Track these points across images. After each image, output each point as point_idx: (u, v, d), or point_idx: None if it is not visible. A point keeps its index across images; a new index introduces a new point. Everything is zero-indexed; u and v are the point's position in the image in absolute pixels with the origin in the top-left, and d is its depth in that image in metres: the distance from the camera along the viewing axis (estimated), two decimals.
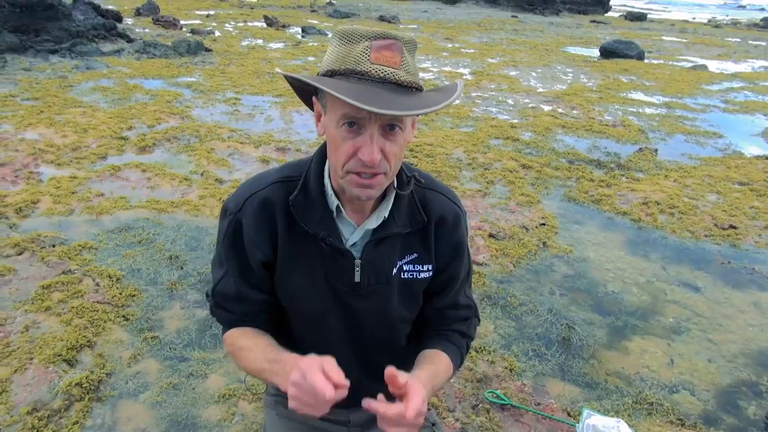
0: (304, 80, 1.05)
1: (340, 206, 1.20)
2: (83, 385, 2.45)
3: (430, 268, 1.32)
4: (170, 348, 2.80)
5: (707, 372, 2.96)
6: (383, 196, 1.24)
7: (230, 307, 1.28)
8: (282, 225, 1.21)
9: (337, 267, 1.25)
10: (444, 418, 2.42)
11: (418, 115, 1.11)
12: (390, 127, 1.05)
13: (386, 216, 1.23)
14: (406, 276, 1.30)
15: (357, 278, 1.25)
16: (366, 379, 1.43)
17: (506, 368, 2.80)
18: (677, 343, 3.19)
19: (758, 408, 2.71)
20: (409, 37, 1.08)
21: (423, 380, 1.15)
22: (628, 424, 2.40)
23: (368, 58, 1.01)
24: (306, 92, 1.22)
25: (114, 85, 7.83)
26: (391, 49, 1.02)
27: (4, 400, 2.36)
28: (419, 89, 1.07)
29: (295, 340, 1.36)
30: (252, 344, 1.23)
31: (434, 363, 1.28)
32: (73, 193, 4.37)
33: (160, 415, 2.39)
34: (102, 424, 2.32)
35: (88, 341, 2.75)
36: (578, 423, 2.40)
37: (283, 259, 1.24)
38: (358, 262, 1.24)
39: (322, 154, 1.25)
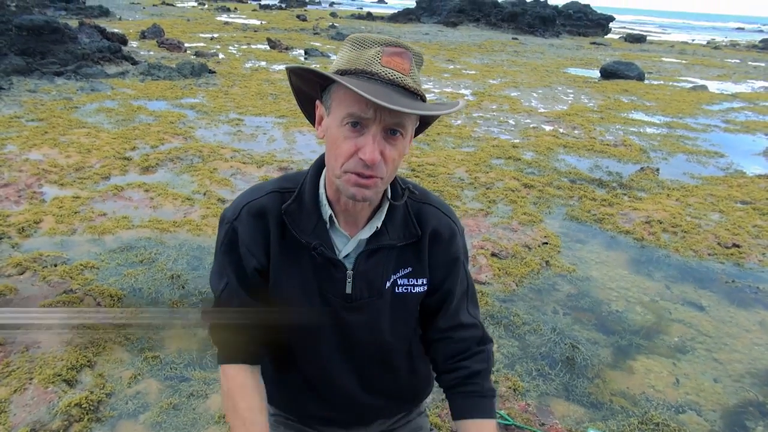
0: (316, 72, 1.07)
1: (334, 217, 1.21)
2: (83, 406, 2.43)
3: (424, 282, 1.31)
4: (171, 368, 2.77)
5: (713, 392, 2.92)
6: (377, 207, 1.24)
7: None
8: (275, 234, 1.22)
9: (329, 278, 1.24)
10: None
11: (422, 116, 1.13)
12: (392, 131, 1.07)
13: (379, 226, 1.23)
14: (400, 290, 1.29)
15: (348, 290, 1.24)
16: (363, 393, 1.41)
17: (510, 388, 2.77)
18: (682, 362, 3.15)
19: (766, 428, 2.67)
20: (418, 50, 1.11)
21: None
22: None
23: (379, 61, 1.05)
24: (307, 99, 1.23)
25: (118, 106, 7.90)
26: (401, 56, 1.06)
27: (3, 420, 2.34)
28: (423, 99, 1.10)
29: (290, 354, 1.35)
30: (240, 401, 1.22)
31: None
32: (75, 212, 4.38)
33: None
34: None
35: (88, 361, 2.73)
36: None
37: (276, 269, 1.24)
38: (350, 273, 1.23)
39: (318, 165, 1.26)
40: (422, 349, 1.43)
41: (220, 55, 13.68)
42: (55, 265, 3.58)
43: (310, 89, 1.19)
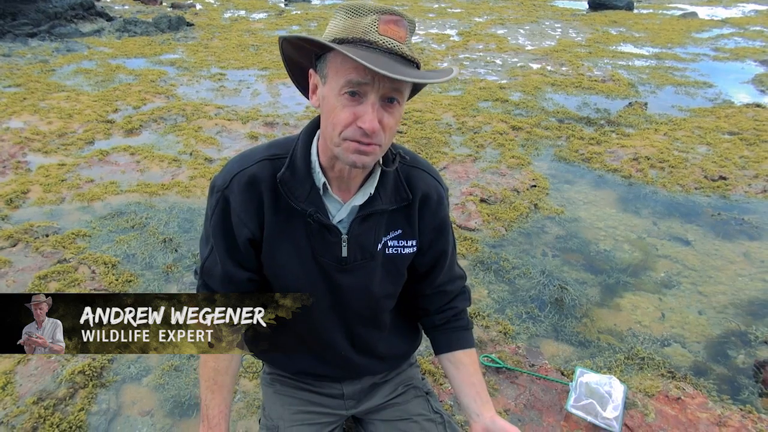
0: (314, 40, 1.07)
1: (327, 184, 1.23)
2: (86, 373, 2.50)
3: (414, 243, 1.35)
4: None
5: (698, 324, 3.02)
6: (369, 173, 1.26)
7: (216, 287, 1.31)
8: (269, 202, 1.23)
9: (324, 242, 1.27)
10: (441, 385, 2.48)
11: (423, 84, 1.15)
12: (389, 99, 1.08)
13: (372, 192, 1.25)
14: (390, 251, 1.34)
15: (344, 253, 1.28)
16: (354, 353, 1.47)
17: (500, 332, 2.86)
18: (668, 297, 3.24)
19: (747, 356, 2.78)
20: (412, 17, 1.12)
21: (493, 409, 1.34)
22: (620, 380, 2.47)
23: (376, 29, 1.05)
24: (297, 66, 1.23)
25: (96, 66, 7.72)
26: (397, 24, 1.07)
27: (10, 391, 2.41)
28: (418, 66, 1.11)
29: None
30: (208, 359, 1.34)
31: (476, 372, 1.42)
32: (62, 180, 4.36)
33: (163, 397, 2.44)
34: (107, 409, 2.37)
35: None
36: (571, 382, 2.46)
37: (270, 236, 1.26)
38: (344, 237, 1.26)
39: (309, 132, 1.26)
40: (406, 305, 1.49)
41: (198, 6, 13.26)
42: (47, 236, 3.60)
43: (303, 58, 1.19)
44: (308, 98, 1.21)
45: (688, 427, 2.30)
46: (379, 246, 1.31)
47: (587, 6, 14.25)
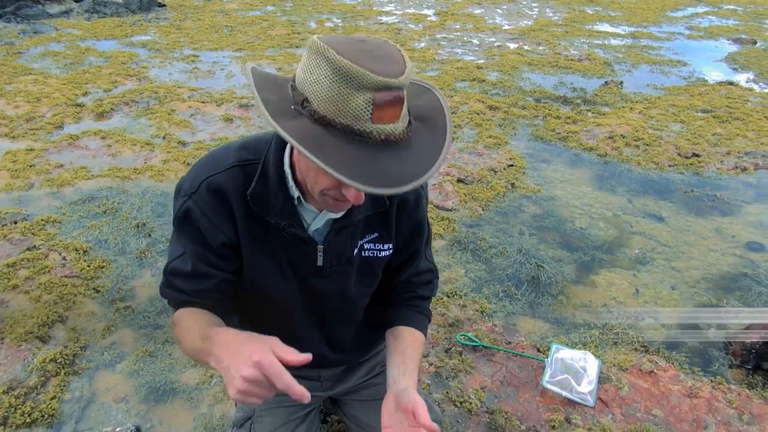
0: (303, 152, 0.87)
1: (302, 197, 1.18)
2: (58, 361, 2.46)
3: (390, 246, 1.33)
4: (144, 317, 2.80)
5: (670, 299, 3.06)
6: None
7: (182, 284, 1.23)
8: (240, 213, 1.18)
9: (300, 252, 1.24)
10: None
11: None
12: None
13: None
14: (366, 254, 1.32)
15: (320, 262, 1.26)
16: (330, 352, 1.48)
17: (477, 311, 2.87)
18: (642, 273, 3.28)
19: (717, 330, 2.84)
20: (411, 66, 0.94)
21: (413, 381, 1.25)
22: (595, 355, 2.50)
23: (370, 115, 0.88)
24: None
25: (65, 48, 7.50)
26: (395, 103, 0.90)
27: None
28: (411, 123, 0.98)
29: (258, 320, 1.37)
30: (192, 323, 1.16)
31: (413, 348, 1.35)
32: (31, 166, 4.25)
33: (138, 383, 2.41)
34: (81, 397, 2.33)
35: (59, 316, 2.73)
36: (547, 358, 2.49)
37: (245, 247, 1.22)
38: (320, 248, 1.24)
39: (281, 141, 1.19)
40: (379, 299, 1.48)
41: None
42: (15, 222, 3.51)
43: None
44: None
45: (660, 399, 2.35)
46: (356, 250, 1.29)
47: None
